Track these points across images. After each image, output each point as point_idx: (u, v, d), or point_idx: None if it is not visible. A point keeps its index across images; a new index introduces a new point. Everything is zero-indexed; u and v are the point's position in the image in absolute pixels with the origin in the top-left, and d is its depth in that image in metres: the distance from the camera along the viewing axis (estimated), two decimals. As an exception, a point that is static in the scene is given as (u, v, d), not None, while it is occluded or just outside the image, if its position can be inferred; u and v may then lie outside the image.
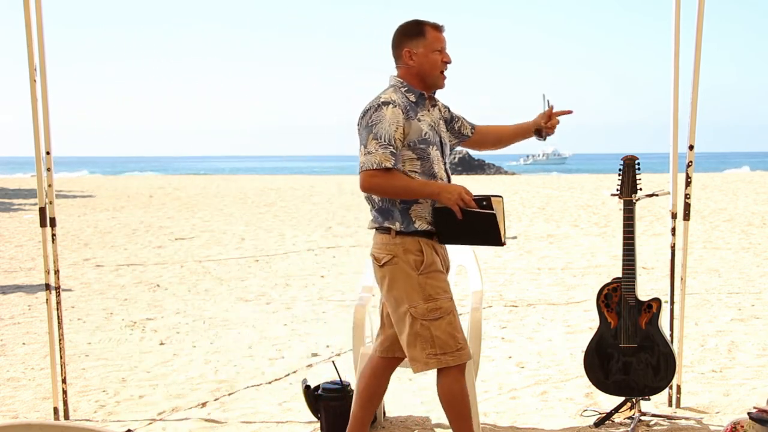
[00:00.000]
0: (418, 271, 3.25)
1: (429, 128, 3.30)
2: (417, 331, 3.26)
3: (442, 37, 3.34)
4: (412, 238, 3.26)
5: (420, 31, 3.31)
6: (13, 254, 10.87)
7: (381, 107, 3.21)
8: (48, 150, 4.17)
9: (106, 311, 7.12)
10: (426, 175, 3.27)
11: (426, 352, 3.27)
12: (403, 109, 3.22)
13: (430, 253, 3.28)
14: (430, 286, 3.26)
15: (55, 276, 4.29)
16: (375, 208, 3.33)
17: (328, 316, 6.87)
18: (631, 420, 4.02)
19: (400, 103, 3.23)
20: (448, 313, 3.27)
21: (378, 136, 3.18)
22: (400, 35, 3.36)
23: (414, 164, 3.25)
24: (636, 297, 3.93)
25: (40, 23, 4.04)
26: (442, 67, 3.33)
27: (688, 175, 4.19)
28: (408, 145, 3.24)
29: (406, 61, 3.32)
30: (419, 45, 3.30)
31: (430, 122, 3.32)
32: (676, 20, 4.14)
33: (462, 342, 3.28)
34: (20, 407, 4.53)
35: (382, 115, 3.20)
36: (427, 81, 3.33)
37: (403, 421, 4.21)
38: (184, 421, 4.26)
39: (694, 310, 6.56)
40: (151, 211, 17.30)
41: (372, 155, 3.16)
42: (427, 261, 3.26)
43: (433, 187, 3.20)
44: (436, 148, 3.31)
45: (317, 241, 12.03)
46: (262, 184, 28.26)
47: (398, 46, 3.35)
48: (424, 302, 3.25)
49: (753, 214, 14.73)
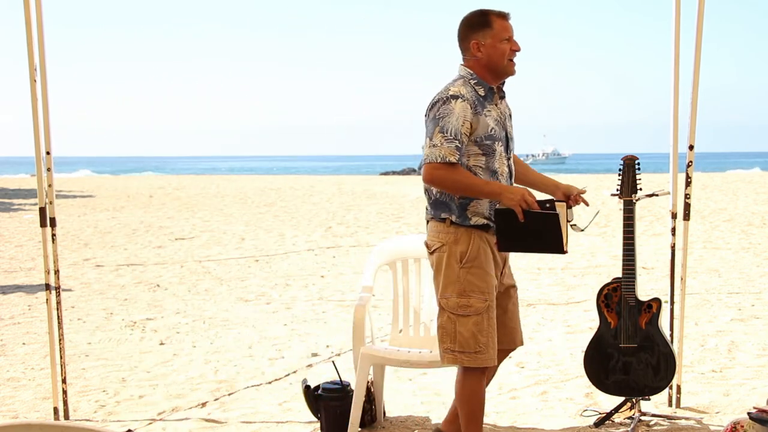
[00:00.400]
0: (461, 264, 3.22)
1: (495, 123, 3.25)
2: (443, 322, 3.26)
3: (509, 25, 3.27)
4: (465, 229, 3.23)
5: (486, 21, 3.25)
6: (13, 254, 10.87)
7: (449, 100, 3.16)
8: (48, 150, 4.17)
9: (106, 311, 7.12)
10: (489, 170, 3.23)
11: (444, 345, 3.27)
12: (471, 104, 3.18)
13: (478, 248, 3.22)
14: (467, 282, 3.21)
15: (55, 276, 4.29)
16: (431, 201, 3.32)
17: (328, 316, 6.86)
18: (631, 420, 4.02)
19: (468, 98, 3.18)
20: (478, 314, 3.21)
21: (444, 129, 3.14)
22: (465, 27, 3.30)
23: (478, 159, 3.22)
24: (636, 297, 3.93)
25: (40, 23, 4.04)
26: (511, 56, 3.26)
27: (688, 175, 4.19)
28: (474, 141, 3.20)
29: (474, 53, 3.26)
30: (486, 36, 3.24)
31: (496, 117, 3.27)
32: (676, 20, 4.14)
33: (483, 346, 3.22)
34: (20, 407, 4.53)
35: (450, 108, 3.15)
36: (497, 71, 3.27)
37: (403, 421, 4.21)
38: (184, 421, 4.26)
39: (694, 310, 6.56)
40: (151, 211, 17.30)
41: (437, 148, 3.14)
42: (471, 255, 3.21)
43: (494, 186, 3.15)
44: (501, 144, 3.27)
45: (317, 241, 12.03)
46: (262, 184, 28.26)
47: (465, 39, 3.29)
48: (457, 296, 3.22)
49: (753, 214, 14.72)
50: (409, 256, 4.34)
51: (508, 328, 3.43)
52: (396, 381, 4.85)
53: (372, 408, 4.10)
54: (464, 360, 3.24)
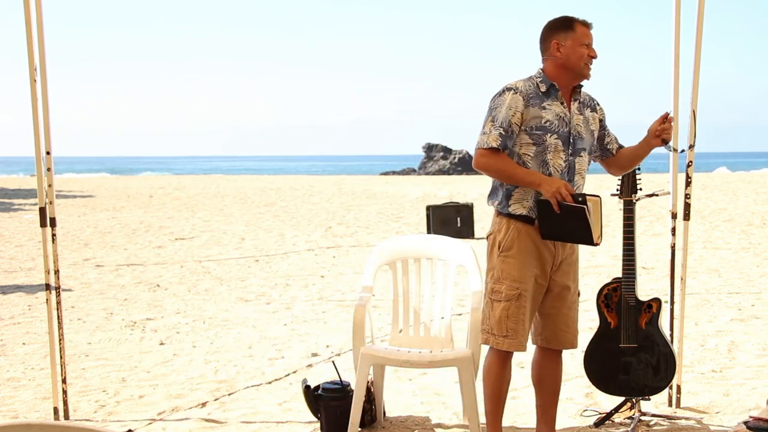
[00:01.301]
0: (499, 252, 3.46)
1: (555, 117, 3.41)
2: (484, 304, 3.55)
3: (590, 34, 3.48)
4: (507, 219, 3.45)
5: (569, 25, 3.45)
6: (13, 254, 10.87)
7: (504, 93, 3.41)
8: (48, 150, 4.17)
9: (106, 311, 7.12)
10: (538, 160, 3.40)
11: (483, 325, 3.55)
12: (524, 96, 3.39)
13: (515, 237, 3.43)
14: (501, 269, 3.45)
15: (55, 276, 4.29)
16: (491, 187, 3.56)
17: (328, 316, 6.86)
18: (631, 420, 4.02)
19: (522, 90, 3.40)
20: (508, 300, 3.43)
21: (495, 118, 3.38)
22: (548, 29, 3.49)
23: (529, 148, 3.40)
24: (636, 297, 3.93)
25: (40, 23, 4.04)
26: (588, 60, 3.44)
27: (688, 175, 4.19)
28: (525, 130, 3.38)
29: (553, 53, 3.44)
30: (567, 38, 3.42)
31: (558, 112, 3.42)
32: (676, 20, 4.14)
33: (511, 332, 3.45)
34: (20, 407, 4.53)
35: (503, 99, 3.39)
36: (574, 71, 3.44)
37: (403, 421, 4.21)
38: (184, 421, 4.26)
39: (694, 310, 6.56)
40: (151, 211, 17.30)
41: (485, 135, 3.39)
42: (507, 244, 3.44)
43: (534, 176, 3.35)
44: (556, 137, 3.41)
45: (317, 241, 12.03)
46: (262, 184, 28.25)
47: (546, 39, 3.48)
48: (493, 282, 3.49)
49: (753, 214, 14.72)
50: (409, 256, 4.34)
51: (557, 329, 3.58)
52: (396, 381, 4.85)
53: (372, 408, 4.10)
54: (492, 341, 3.50)
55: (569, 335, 3.61)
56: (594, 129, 3.57)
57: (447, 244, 4.32)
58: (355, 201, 19.52)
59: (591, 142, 3.56)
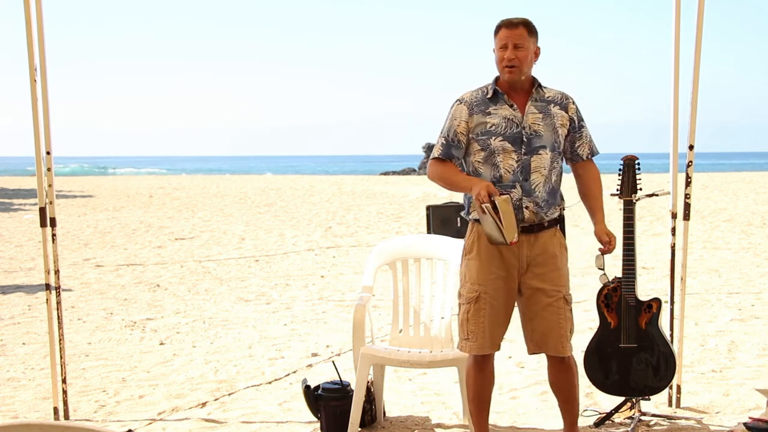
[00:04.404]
0: (463, 255, 3.57)
1: (502, 120, 3.44)
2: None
3: (507, 34, 3.44)
4: (472, 223, 3.55)
5: (496, 30, 3.49)
6: (13, 254, 10.87)
7: (453, 105, 3.54)
8: (48, 150, 4.17)
9: (106, 311, 7.12)
10: (488, 164, 3.45)
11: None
12: (468, 105, 3.50)
13: (475, 240, 3.50)
14: (463, 273, 3.56)
15: (55, 276, 4.29)
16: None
17: (328, 316, 6.87)
18: (631, 420, 4.02)
19: (467, 100, 3.51)
20: (468, 303, 3.49)
21: (442, 130, 3.54)
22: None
23: (478, 154, 3.47)
24: (636, 297, 3.93)
25: (40, 23, 4.04)
26: (504, 63, 3.44)
27: (688, 175, 4.19)
28: (473, 137, 3.47)
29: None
30: (495, 43, 3.50)
31: (506, 115, 3.45)
32: (676, 20, 4.14)
33: (471, 335, 3.48)
34: (20, 407, 4.53)
35: (450, 111, 3.54)
36: (501, 74, 3.49)
37: (403, 421, 4.21)
38: (184, 421, 4.26)
39: (694, 310, 6.56)
40: (151, 211, 17.29)
41: (435, 147, 3.55)
42: (468, 247, 3.53)
43: (467, 182, 3.42)
44: (502, 139, 3.43)
45: (317, 241, 12.03)
46: (262, 184, 28.25)
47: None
48: (459, 286, 3.59)
49: (753, 214, 14.72)
50: (409, 256, 4.34)
51: (537, 333, 3.50)
52: (396, 381, 4.85)
53: (372, 408, 4.10)
54: (459, 344, 3.58)
55: (552, 340, 3.46)
56: (560, 126, 3.48)
57: (447, 244, 4.32)
58: (355, 201, 19.52)
59: (554, 139, 3.47)
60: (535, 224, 3.45)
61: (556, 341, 3.47)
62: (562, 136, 3.52)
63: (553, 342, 3.47)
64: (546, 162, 3.45)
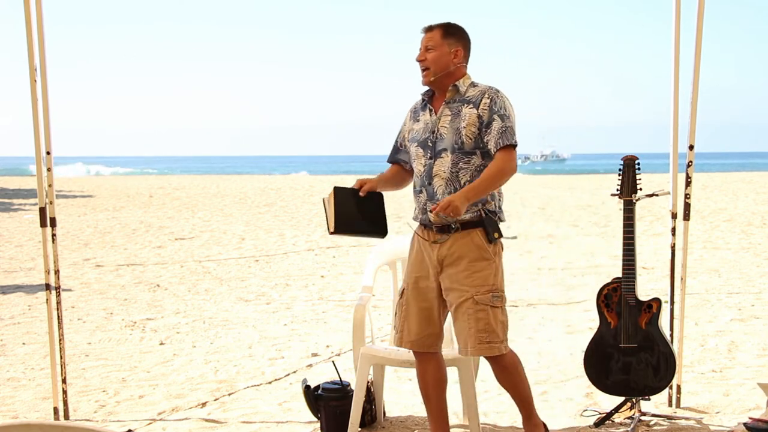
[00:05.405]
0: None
1: (422, 126, 3.52)
2: None
3: (423, 38, 3.49)
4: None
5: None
6: (13, 254, 10.86)
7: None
8: (48, 150, 4.17)
9: (106, 311, 7.12)
10: (414, 170, 3.57)
11: None
12: (411, 112, 3.63)
13: (411, 239, 3.62)
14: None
15: (55, 276, 4.29)
16: None
17: (328, 316, 6.87)
18: (631, 420, 4.02)
19: (412, 107, 3.63)
20: (400, 298, 3.59)
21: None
22: None
23: (411, 159, 3.60)
24: (636, 297, 3.93)
25: (40, 23, 4.03)
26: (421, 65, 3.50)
27: (688, 175, 4.19)
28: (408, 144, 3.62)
29: None
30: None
31: (426, 120, 3.52)
32: (676, 20, 4.14)
33: (397, 328, 3.57)
34: (20, 407, 4.53)
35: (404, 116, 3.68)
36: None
37: (403, 421, 4.21)
38: (184, 421, 4.26)
39: (694, 310, 6.56)
40: (151, 211, 17.29)
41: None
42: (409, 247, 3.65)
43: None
44: (416, 145, 3.52)
45: (317, 241, 12.03)
46: (262, 184, 28.25)
47: None
48: None
49: (753, 214, 14.72)
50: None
51: (456, 334, 3.51)
52: (396, 381, 4.85)
53: (372, 408, 4.10)
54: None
55: (460, 341, 3.44)
56: (465, 126, 3.38)
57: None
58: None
59: (455, 141, 3.39)
60: (446, 226, 3.42)
61: (464, 344, 3.42)
62: (468, 136, 3.38)
63: (460, 343, 3.46)
64: (446, 165, 3.40)
